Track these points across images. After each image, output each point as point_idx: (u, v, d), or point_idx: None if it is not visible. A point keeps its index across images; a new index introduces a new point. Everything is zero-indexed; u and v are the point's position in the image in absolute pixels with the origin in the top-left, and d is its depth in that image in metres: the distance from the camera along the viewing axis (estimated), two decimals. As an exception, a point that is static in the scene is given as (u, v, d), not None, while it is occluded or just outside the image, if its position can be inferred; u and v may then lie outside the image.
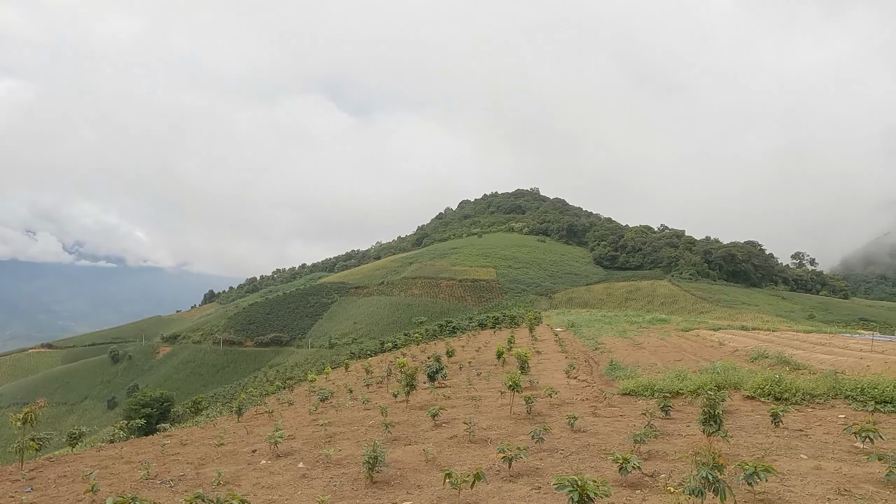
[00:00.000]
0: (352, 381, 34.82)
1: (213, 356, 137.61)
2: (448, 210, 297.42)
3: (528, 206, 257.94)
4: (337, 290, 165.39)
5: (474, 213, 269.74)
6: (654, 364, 24.77)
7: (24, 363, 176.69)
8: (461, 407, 17.64)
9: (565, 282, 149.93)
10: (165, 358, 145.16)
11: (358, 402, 22.05)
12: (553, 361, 29.07)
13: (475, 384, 22.72)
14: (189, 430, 21.95)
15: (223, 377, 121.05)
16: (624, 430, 12.75)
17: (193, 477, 11.47)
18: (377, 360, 49.22)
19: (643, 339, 36.68)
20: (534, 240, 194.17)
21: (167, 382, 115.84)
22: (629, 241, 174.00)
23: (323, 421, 16.79)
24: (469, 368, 29.41)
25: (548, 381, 21.68)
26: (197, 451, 14.80)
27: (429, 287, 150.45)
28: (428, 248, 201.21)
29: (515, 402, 16.10)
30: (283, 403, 28.77)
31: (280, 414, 23.13)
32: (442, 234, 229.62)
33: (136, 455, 15.46)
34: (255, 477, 10.99)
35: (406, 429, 14.82)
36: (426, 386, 23.41)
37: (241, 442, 15.76)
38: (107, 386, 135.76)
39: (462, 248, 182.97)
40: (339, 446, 13.26)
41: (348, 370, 45.08)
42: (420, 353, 46.77)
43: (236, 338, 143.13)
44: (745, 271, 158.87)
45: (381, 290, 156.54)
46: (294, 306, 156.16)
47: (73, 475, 12.91)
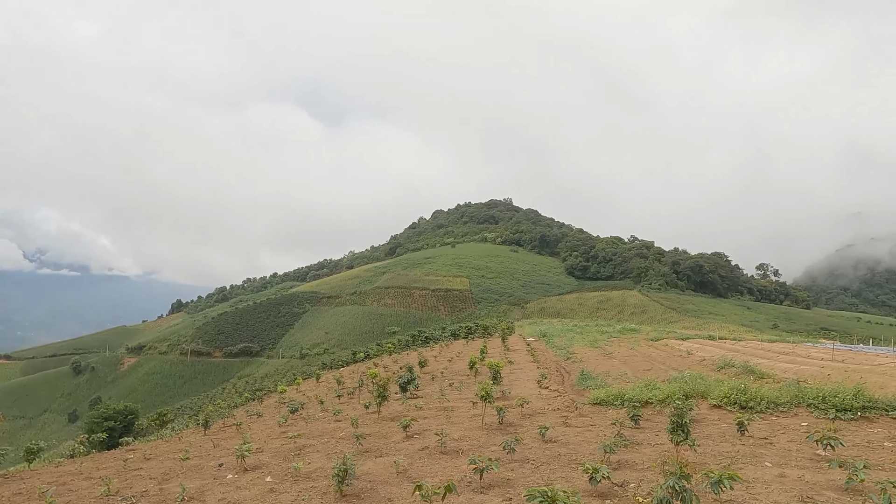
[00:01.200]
0: (323, 392, 34.39)
1: (180, 367, 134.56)
2: (421, 219, 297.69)
3: (501, 217, 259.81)
4: (309, 299, 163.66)
5: (448, 222, 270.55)
6: (625, 374, 25.06)
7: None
8: (433, 418, 17.55)
9: (538, 291, 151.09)
10: (130, 369, 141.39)
11: (329, 414, 21.76)
12: (525, 371, 29.18)
13: (448, 395, 22.64)
14: (153, 444, 21.36)
15: (190, 389, 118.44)
16: (594, 439, 12.83)
17: (157, 493, 11.14)
18: (349, 371, 48.73)
19: (614, 349, 37.11)
20: (507, 250, 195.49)
21: (132, 395, 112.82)
22: (600, 251, 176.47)
23: (292, 433, 16.52)
24: (441, 379, 29.32)
25: (520, 391, 21.74)
26: (161, 466, 14.39)
27: (402, 297, 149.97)
28: (401, 258, 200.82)
29: (487, 412, 16.09)
30: (251, 415, 28.25)
31: (248, 426, 22.68)
32: (415, 244, 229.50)
33: (97, 470, 14.95)
34: (221, 492, 10.73)
35: (377, 441, 14.67)
36: (398, 397, 23.25)
37: (208, 456, 15.39)
38: (68, 399, 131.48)
39: (435, 257, 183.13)
40: (309, 459, 13.05)
41: (319, 381, 44.54)
42: (392, 363, 46.47)
43: (205, 348, 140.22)
44: (712, 282, 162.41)
45: (354, 300, 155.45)
46: (265, 316, 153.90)
47: (28, 492, 12.41)
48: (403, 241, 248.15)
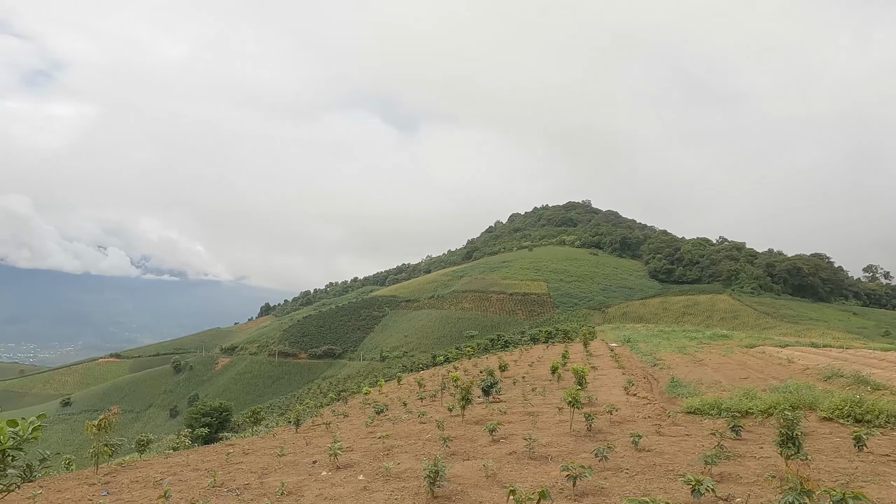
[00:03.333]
0: (405, 394, 34.94)
1: (268, 368, 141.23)
2: (498, 223, 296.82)
3: (579, 219, 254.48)
4: (388, 303, 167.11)
5: (525, 226, 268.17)
6: (718, 382, 23.75)
7: (95, 372, 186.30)
8: (518, 422, 17.38)
9: (619, 296, 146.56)
10: (224, 369, 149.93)
11: (413, 416, 22.06)
12: (610, 377, 28.33)
13: (531, 399, 22.37)
14: (250, 440, 22.46)
15: (278, 388, 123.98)
16: (691, 450, 12.23)
17: (258, 486, 11.69)
18: (429, 374, 49.25)
19: (704, 356, 35.29)
20: (586, 253, 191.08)
21: (225, 392, 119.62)
22: (686, 253, 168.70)
23: (380, 434, 16.86)
24: (523, 383, 29.03)
25: (606, 397, 21.12)
26: (259, 461, 15.10)
27: (479, 301, 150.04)
28: (478, 262, 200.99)
29: (575, 418, 15.73)
30: (338, 415, 29.13)
31: (337, 426, 23.39)
32: (492, 248, 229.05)
33: (202, 463, 15.91)
34: (317, 488, 11.11)
35: (464, 443, 14.69)
36: (481, 400, 23.21)
37: (301, 453, 15.99)
38: (169, 395, 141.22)
39: (512, 261, 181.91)
40: (398, 459, 13.26)
41: (401, 383, 45.30)
42: (472, 367, 46.53)
43: (291, 350, 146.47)
44: (812, 285, 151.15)
45: (432, 304, 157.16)
46: (346, 319, 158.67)
47: (144, 480, 13.40)
48: (480, 245, 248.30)
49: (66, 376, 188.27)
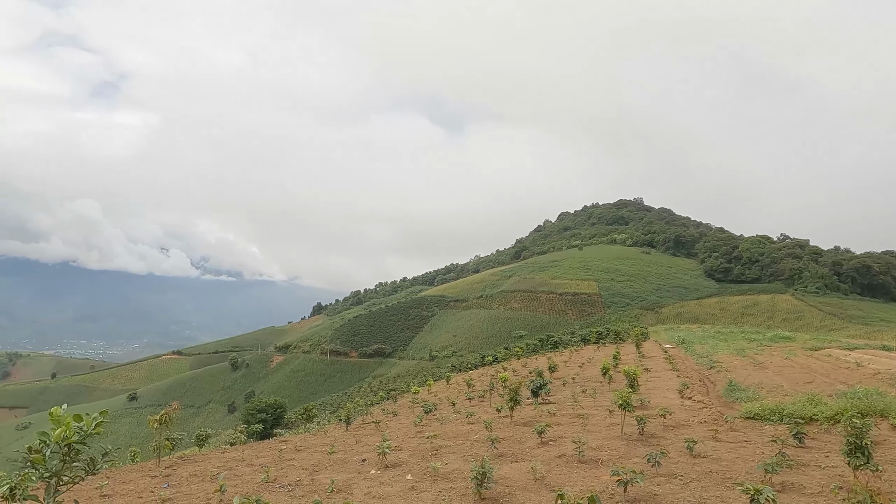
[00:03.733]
0: (453, 394, 34.98)
1: (321, 366, 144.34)
2: (547, 222, 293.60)
3: (631, 217, 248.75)
4: (437, 303, 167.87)
5: (574, 224, 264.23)
6: (780, 386, 22.70)
7: (158, 368, 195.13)
8: (567, 425, 17.12)
9: (673, 296, 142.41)
10: (278, 366, 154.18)
11: (461, 416, 22.06)
12: (664, 380, 27.53)
13: (581, 401, 21.99)
14: (302, 437, 22.99)
15: (330, 386, 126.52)
16: (750, 457, 11.73)
17: (309, 483, 11.95)
18: (478, 374, 49.16)
19: (765, 359, 33.81)
20: (638, 252, 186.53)
21: (280, 390, 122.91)
22: (745, 251, 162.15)
23: (428, 433, 16.94)
24: (573, 385, 28.58)
25: (659, 400, 20.54)
26: (311, 458, 15.43)
27: (528, 300, 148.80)
28: (527, 262, 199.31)
29: (626, 421, 15.35)
30: (387, 414, 29.45)
31: (386, 424, 23.65)
32: (541, 247, 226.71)
33: (256, 458, 16.40)
34: (366, 486, 11.25)
35: (512, 445, 14.58)
36: (530, 401, 22.99)
37: (351, 451, 16.25)
38: (227, 391, 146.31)
39: (562, 260, 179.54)
40: (446, 460, 13.28)
41: (449, 383, 45.39)
42: (521, 367, 46.17)
43: (342, 349, 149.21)
44: (884, 284, 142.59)
45: (480, 304, 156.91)
46: (396, 319, 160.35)
47: (202, 474, 13.92)
48: (529, 245, 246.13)
49: (133, 372, 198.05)
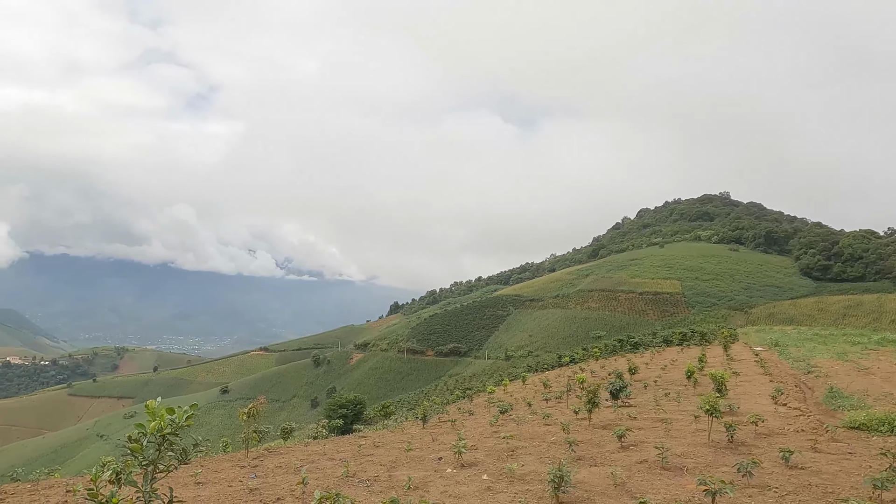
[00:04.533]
0: (529, 394, 34.61)
1: (398, 364, 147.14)
2: (626, 220, 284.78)
3: (716, 213, 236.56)
4: (512, 302, 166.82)
5: (654, 221, 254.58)
6: (890, 394, 20.78)
7: (247, 363, 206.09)
8: (649, 429, 16.47)
9: (764, 295, 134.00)
10: (357, 364, 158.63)
11: (538, 417, 21.76)
12: (755, 385, 25.93)
13: (663, 405, 21.11)
14: (380, 433, 23.50)
15: (407, 384, 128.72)
16: (855, 471, 10.79)
17: (386, 479, 12.16)
18: (554, 375, 48.39)
19: (871, 364, 31.09)
20: (724, 249, 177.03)
21: (359, 386, 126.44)
22: (846, 247, 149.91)
23: (504, 434, 16.82)
24: (655, 388, 27.49)
25: (750, 406, 19.34)
26: (388, 454, 15.71)
27: (606, 300, 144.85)
28: (605, 260, 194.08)
29: (714, 427, 14.55)
30: (463, 413, 29.54)
31: (462, 424, 23.72)
32: (619, 245, 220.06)
33: (337, 452, 16.90)
34: (442, 485, 11.30)
35: (590, 448, 14.20)
36: (609, 404, 22.33)
37: (427, 449, 16.40)
38: (310, 387, 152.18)
39: (642, 259, 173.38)
40: (522, 461, 13.12)
41: (525, 383, 44.95)
42: (599, 368, 45.00)
43: (418, 347, 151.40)
44: None
45: (557, 303, 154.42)
46: (471, 318, 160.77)
47: (286, 466, 14.50)
48: (607, 243, 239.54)
49: (224, 367, 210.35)
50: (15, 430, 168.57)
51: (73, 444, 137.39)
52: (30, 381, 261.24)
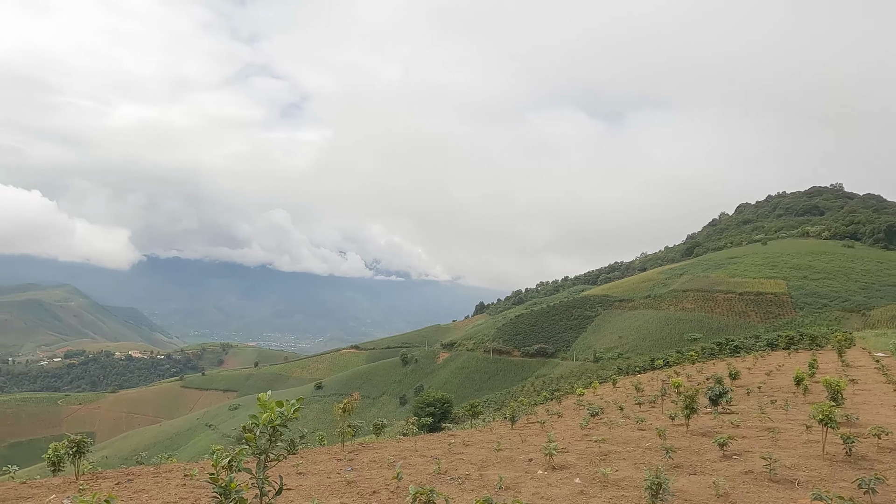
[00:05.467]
0: (620, 397, 33.59)
1: (484, 364, 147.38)
2: (723, 215, 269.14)
3: (827, 206, 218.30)
4: (600, 302, 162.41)
5: (756, 217, 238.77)
6: None
7: (339, 361, 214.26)
8: (754, 438, 15.49)
9: (886, 296, 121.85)
10: (444, 363, 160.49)
11: (631, 421, 21.08)
12: (876, 394, 23.69)
13: (769, 413, 19.78)
14: (469, 432, 23.67)
15: (494, 384, 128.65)
16: None
17: (477, 478, 12.25)
18: (647, 378, 46.65)
19: None
20: (837, 245, 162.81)
21: (446, 385, 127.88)
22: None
23: (596, 437, 16.44)
24: (759, 394, 25.80)
25: (871, 417, 17.71)
26: (478, 454, 15.82)
27: (702, 301, 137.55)
28: (700, 259, 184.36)
29: (829, 439, 13.46)
30: (552, 415, 29.16)
31: (551, 425, 23.42)
32: (716, 243, 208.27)
33: (428, 450, 17.22)
34: (533, 486, 11.24)
35: (689, 456, 13.58)
36: (707, 410, 21.23)
37: (517, 449, 16.35)
38: (398, 385, 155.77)
39: (742, 257, 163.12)
40: (616, 466, 12.77)
41: (616, 386, 43.68)
42: (696, 372, 42.86)
43: (504, 347, 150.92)
44: None
45: (648, 304, 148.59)
46: (558, 318, 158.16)
47: (380, 461, 14.98)
48: (702, 241, 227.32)
49: (318, 364, 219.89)
50: (137, 418, 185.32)
51: (186, 432, 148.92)
52: (148, 373, 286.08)
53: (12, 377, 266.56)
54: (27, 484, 13.00)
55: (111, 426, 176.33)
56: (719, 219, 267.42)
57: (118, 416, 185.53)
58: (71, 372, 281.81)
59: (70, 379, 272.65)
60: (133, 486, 12.16)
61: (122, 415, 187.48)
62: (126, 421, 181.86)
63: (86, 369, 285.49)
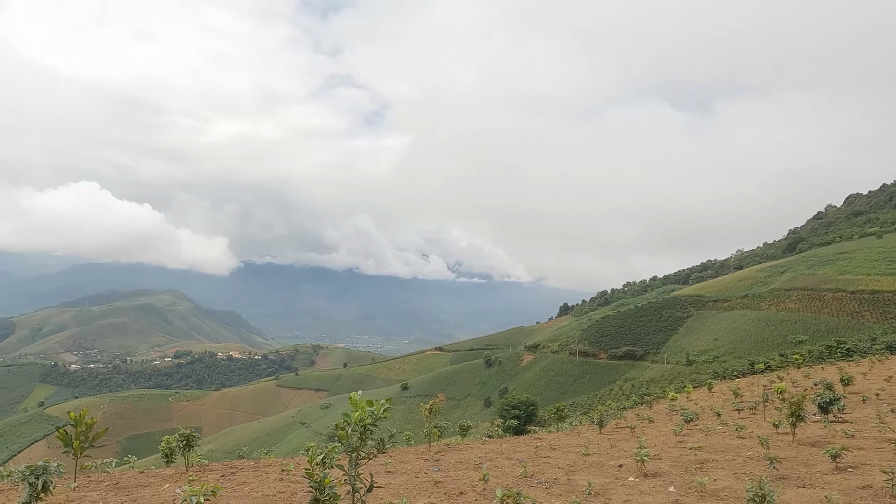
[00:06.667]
0: (717, 403, 31.86)
1: (569, 366, 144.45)
2: (830, 208, 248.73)
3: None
4: (692, 303, 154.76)
5: (868, 208, 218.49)
6: None
7: (424, 362, 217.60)
8: (872, 450, 14.17)
9: None
10: (528, 365, 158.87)
11: (729, 429, 19.92)
12: None
13: (890, 423, 18.03)
14: (556, 436, 23.29)
15: (579, 387, 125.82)
16: None
17: (565, 482, 12.01)
18: (746, 383, 43.93)
19: None
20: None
21: (530, 388, 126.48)
22: None
23: (691, 444, 15.68)
24: (877, 402, 23.60)
25: None
26: (565, 458, 15.52)
27: (808, 300, 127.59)
28: (804, 255, 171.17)
29: (963, 454, 12.09)
30: (642, 420, 28.13)
31: (642, 431, 22.60)
32: (822, 238, 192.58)
33: (514, 452, 17.11)
34: (624, 493, 10.87)
35: (796, 467, 12.63)
36: (817, 418, 19.68)
37: (606, 454, 15.89)
38: (482, 386, 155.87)
39: (853, 252, 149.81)
40: (714, 475, 12.10)
41: (712, 391, 41.49)
42: (802, 377, 39.84)
43: (590, 350, 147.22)
44: None
45: (746, 304, 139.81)
46: (647, 320, 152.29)
47: (466, 462, 15.05)
48: (806, 235, 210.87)
49: (404, 365, 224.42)
50: (238, 415, 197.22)
51: (282, 429, 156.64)
52: (247, 372, 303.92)
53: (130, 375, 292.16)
54: (144, 473, 14.21)
55: (215, 422, 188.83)
56: (825, 211, 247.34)
57: (221, 413, 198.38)
58: (180, 371, 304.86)
59: (179, 377, 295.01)
60: (236, 478, 12.94)
61: (224, 411, 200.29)
62: (228, 417, 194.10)
63: (192, 368, 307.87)
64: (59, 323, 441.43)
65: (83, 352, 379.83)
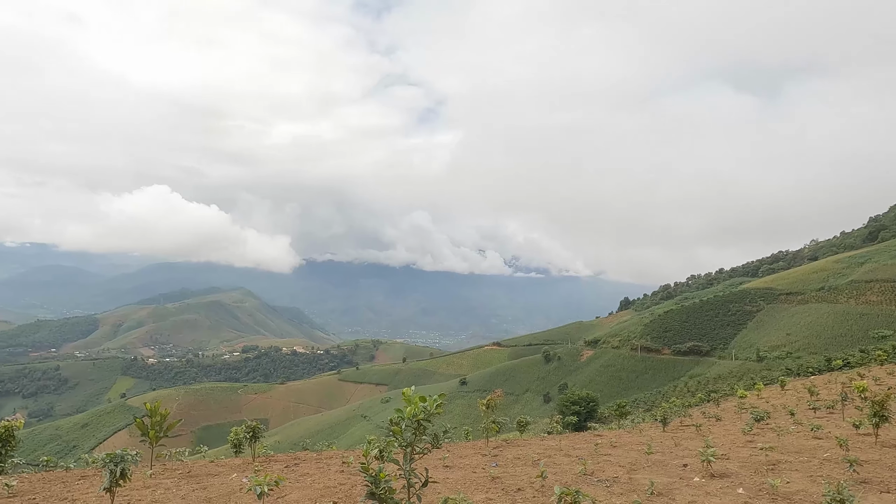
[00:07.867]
0: (790, 402, 30.29)
1: (631, 362, 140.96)
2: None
3: None
4: (763, 296, 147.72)
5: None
6: None
7: (482, 357, 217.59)
8: (967, 454, 13.09)
9: None
10: (588, 361, 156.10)
11: (804, 429, 18.89)
12: None
13: None
14: (617, 433, 22.76)
15: (642, 383, 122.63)
16: None
17: (626, 481, 11.70)
18: (822, 380, 41.54)
19: None
20: None
21: (591, 384, 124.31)
22: None
23: (761, 444, 14.95)
24: (973, 402, 21.76)
25: None
26: (627, 456, 15.13)
27: (892, 292, 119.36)
28: (887, 244, 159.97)
29: None
30: (709, 418, 27.11)
31: (708, 429, 21.76)
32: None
33: (573, 449, 16.83)
34: (689, 494, 10.48)
35: (879, 471, 11.82)
36: (903, 419, 18.34)
37: (670, 453, 15.38)
38: (541, 382, 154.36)
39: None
40: (787, 477, 11.49)
41: (784, 389, 39.45)
42: (886, 375, 37.31)
43: (653, 345, 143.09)
44: None
45: (822, 297, 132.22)
46: (713, 314, 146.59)
47: (524, 458, 14.92)
48: (889, 223, 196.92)
49: (462, 360, 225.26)
50: (301, 407, 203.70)
51: (343, 422, 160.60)
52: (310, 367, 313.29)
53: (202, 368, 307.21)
54: (214, 463, 14.87)
55: (281, 414, 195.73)
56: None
57: (287, 406, 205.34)
58: (247, 365, 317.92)
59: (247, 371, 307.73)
60: (299, 469, 13.34)
61: (289, 404, 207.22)
62: (293, 410, 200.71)
63: (259, 362, 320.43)
64: (137, 319, 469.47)
65: (159, 346, 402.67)
